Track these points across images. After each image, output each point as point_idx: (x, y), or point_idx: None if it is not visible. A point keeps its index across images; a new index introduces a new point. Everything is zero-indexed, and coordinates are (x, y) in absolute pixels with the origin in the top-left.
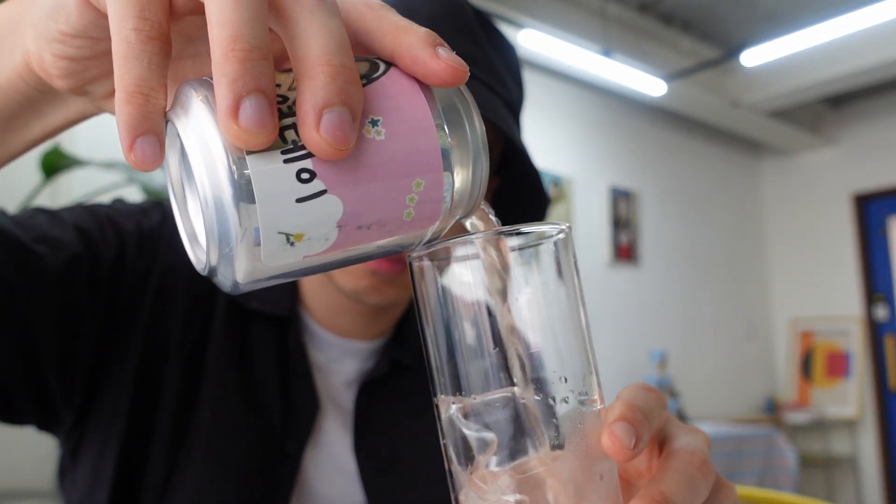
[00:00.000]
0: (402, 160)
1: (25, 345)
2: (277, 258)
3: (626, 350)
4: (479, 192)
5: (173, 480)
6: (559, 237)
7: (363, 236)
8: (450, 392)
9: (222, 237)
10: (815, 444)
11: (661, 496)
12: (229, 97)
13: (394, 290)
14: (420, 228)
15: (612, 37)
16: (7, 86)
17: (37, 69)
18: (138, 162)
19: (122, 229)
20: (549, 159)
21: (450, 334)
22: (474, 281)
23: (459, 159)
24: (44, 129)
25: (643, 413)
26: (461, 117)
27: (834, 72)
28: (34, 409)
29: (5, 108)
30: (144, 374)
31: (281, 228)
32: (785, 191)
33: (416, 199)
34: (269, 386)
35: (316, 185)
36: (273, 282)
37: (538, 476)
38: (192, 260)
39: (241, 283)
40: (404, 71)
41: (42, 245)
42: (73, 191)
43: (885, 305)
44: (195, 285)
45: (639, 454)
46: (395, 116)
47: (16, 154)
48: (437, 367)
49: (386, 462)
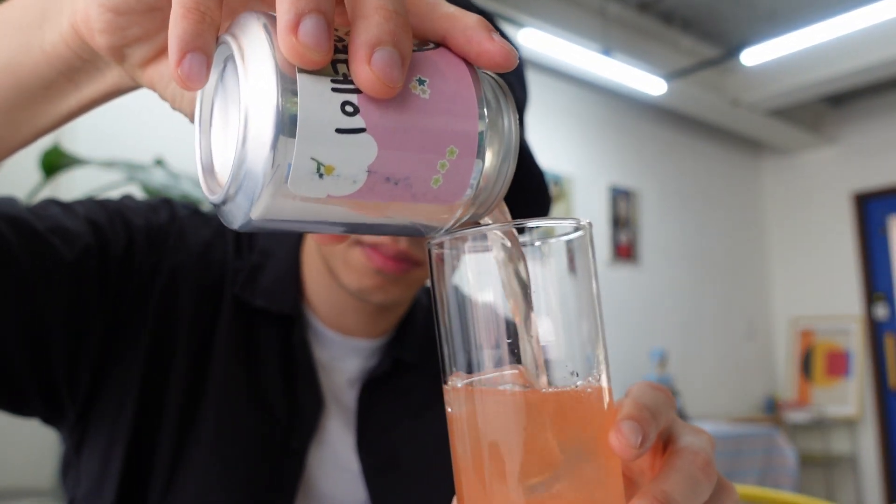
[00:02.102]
0: (442, 123)
1: (35, 334)
2: (303, 187)
3: (626, 349)
4: (500, 189)
5: (180, 476)
6: (578, 234)
7: (388, 192)
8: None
9: (255, 160)
10: (815, 444)
11: (664, 495)
12: (291, 12)
13: (398, 289)
14: (443, 202)
15: (612, 36)
16: (51, 51)
17: (82, 27)
18: (183, 78)
19: (132, 224)
20: (548, 158)
21: (464, 324)
22: (491, 272)
23: (492, 148)
24: (78, 101)
25: (651, 412)
26: (501, 112)
27: (834, 71)
28: (41, 401)
29: (46, 75)
30: (151, 370)
31: (315, 154)
32: (785, 190)
33: (447, 166)
34: (274, 384)
35: (357, 121)
36: (284, 227)
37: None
38: (204, 190)
39: (254, 220)
40: (456, 51)
41: (56, 236)
42: (72, 190)
43: (885, 304)
44: (202, 283)
45: (644, 453)
46: (442, 82)
47: (46, 128)
48: (449, 355)
49: (388, 460)
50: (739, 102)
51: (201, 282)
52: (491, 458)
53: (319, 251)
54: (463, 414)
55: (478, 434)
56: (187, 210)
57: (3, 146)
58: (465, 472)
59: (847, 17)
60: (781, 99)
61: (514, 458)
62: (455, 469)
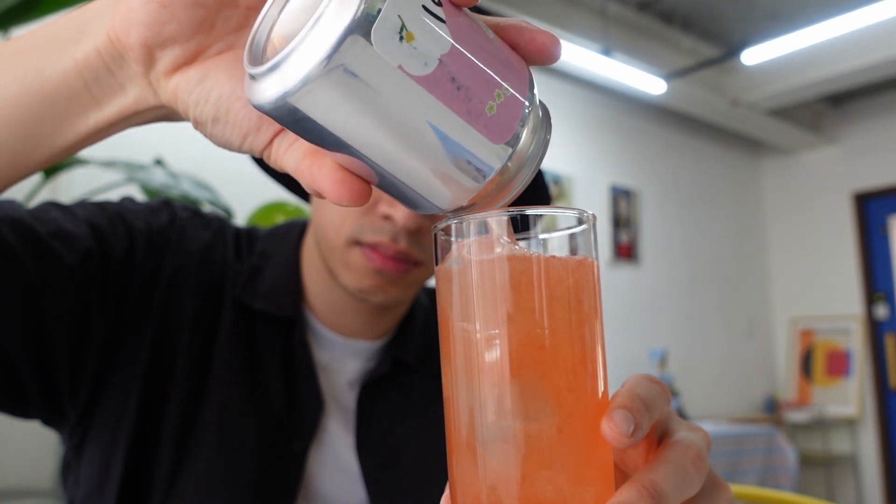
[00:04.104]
0: (503, 61)
1: (38, 338)
2: (383, 43)
3: (626, 349)
4: (522, 181)
5: (182, 478)
6: (582, 227)
7: (450, 95)
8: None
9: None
10: (816, 443)
11: (652, 484)
12: None
13: (397, 290)
14: (489, 136)
15: (612, 35)
16: (81, 59)
17: (119, 26)
18: None
19: (133, 227)
20: (548, 158)
21: (466, 304)
22: (494, 255)
23: (530, 125)
24: (96, 121)
25: (644, 403)
26: (539, 113)
27: (834, 70)
28: (42, 403)
29: (72, 85)
30: (153, 372)
31: (402, 13)
32: (785, 190)
33: (502, 97)
34: (275, 385)
35: (440, 12)
36: (326, 117)
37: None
38: (246, 62)
39: (311, 84)
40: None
41: (58, 240)
42: (72, 189)
43: (886, 304)
44: (202, 286)
45: (636, 443)
46: (503, 47)
47: (61, 149)
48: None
49: (387, 461)
50: (739, 102)
51: (202, 284)
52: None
53: (319, 252)
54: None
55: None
56: (188, 212)
57: (18, 165)
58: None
59: (847, 16)
60: (782, 99)
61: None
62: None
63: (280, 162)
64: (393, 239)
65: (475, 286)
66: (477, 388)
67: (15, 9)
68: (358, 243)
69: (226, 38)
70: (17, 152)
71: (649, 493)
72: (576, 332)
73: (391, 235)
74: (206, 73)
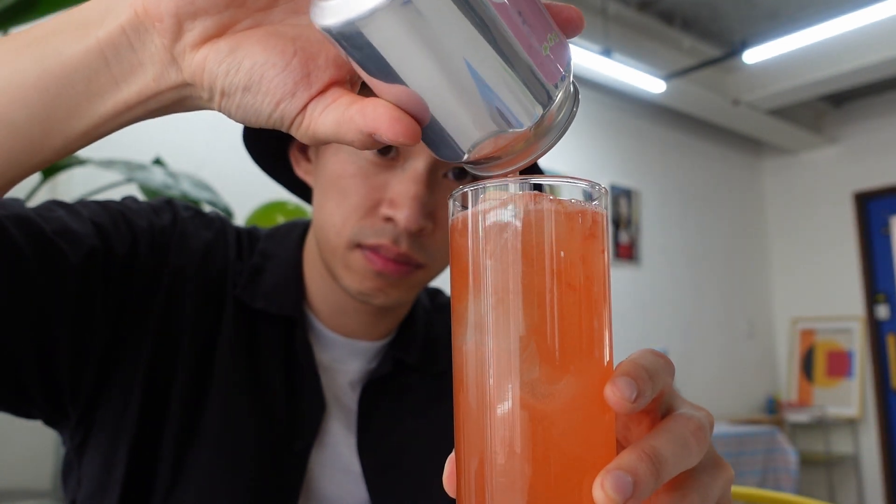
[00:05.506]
0: (553, 15)
1: (41, 336)
2: None
3: (626, 349)
4: (546, 145)
5: (183, 478)
6: (596, 199)
7: (516, 27)
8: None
9: None
10: (817, 444)
11: (652, 450)
12: None
13: (399, 292)
14: (543, 73)
15: (612, 35)
16: (104, 37)
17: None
18: None
19: (135, 226)
20: (548, 158)
21: (478, 275)
22: (509, 224)
23: (561, 96)
24: (114, 104)
25: (648, 372)
26: (571, 93)
27: (835, 70)
28: (44, 402)
29: (92, 64)
30: (155, 372)
31: None
32: (786, 189)
33: (555, 40)
34: (277, 386)
35: None
36: (392, 39)
37: None
38: None
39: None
40: None
41: (62, 238)
42: (71, 189)
43: (887, 304)
44: (204, 285)
45: (638, 409)
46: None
47: (76, 136)
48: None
49: (389, 462)
50: (740, 102)
51: (203, 284)
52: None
53: (320, 253)
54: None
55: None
56: (189, 212)
57: (33, 151)
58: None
59: (848, 16)
60: (782, 98)
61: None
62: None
63: (315, 124)
64: (394, 241)
65: (488, 244)
66: (489, 344)
67: (15, 8)
68: (359, 245)
69: (254, 15)
70: (32, 138)
71: (649, 457)
72: (585, 293)
73: (392, 238)
74: (237, 44)
